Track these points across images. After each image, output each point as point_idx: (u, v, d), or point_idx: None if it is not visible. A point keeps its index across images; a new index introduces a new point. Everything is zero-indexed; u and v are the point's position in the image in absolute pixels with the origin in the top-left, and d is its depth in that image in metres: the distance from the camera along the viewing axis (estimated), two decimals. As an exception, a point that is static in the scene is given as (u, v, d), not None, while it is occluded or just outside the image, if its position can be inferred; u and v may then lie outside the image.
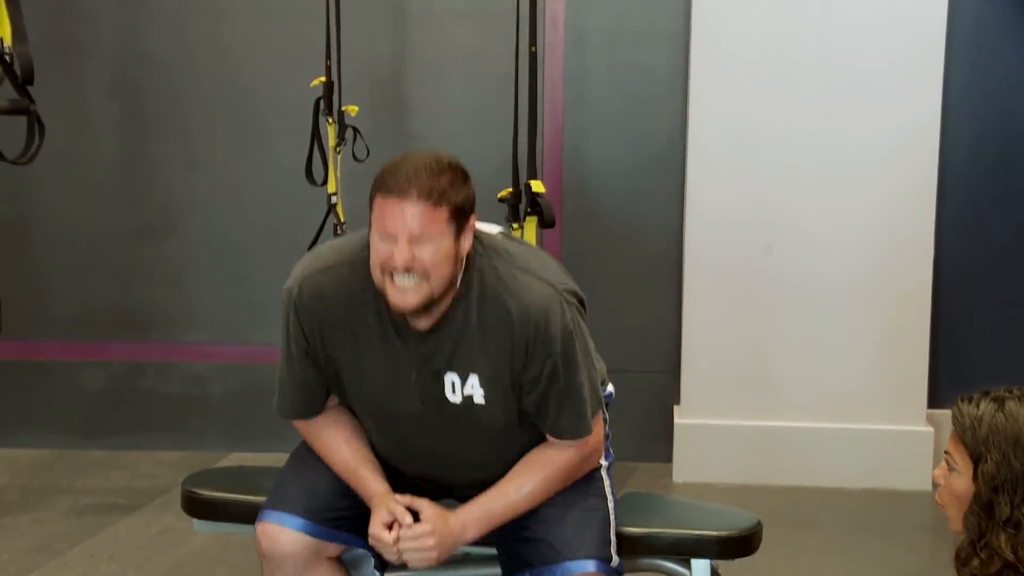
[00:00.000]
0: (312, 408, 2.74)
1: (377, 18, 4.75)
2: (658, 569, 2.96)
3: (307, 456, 2.79)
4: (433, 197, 2.41)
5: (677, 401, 4.74)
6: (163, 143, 4.88)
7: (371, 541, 2.61)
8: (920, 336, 4.64)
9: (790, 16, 4.48)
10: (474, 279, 2.57)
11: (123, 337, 5.05)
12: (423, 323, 2.51)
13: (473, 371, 2.61)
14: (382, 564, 2.76)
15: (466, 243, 2.50)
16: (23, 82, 3.65)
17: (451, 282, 2.50)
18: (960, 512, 2.28)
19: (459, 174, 2.47)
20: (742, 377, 4.69)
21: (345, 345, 2.66)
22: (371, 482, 2.66)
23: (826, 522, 4.44)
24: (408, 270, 2.44)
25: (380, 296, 2.49)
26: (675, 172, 4.71)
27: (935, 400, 4.74)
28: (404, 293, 2.44)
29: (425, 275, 2.45)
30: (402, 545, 2.55)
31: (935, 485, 2.35)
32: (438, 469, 2.75)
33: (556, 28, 4.64)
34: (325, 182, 4.41)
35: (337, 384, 2.71)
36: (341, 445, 2.76)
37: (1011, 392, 2.28)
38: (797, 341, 4.65)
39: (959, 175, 4.73)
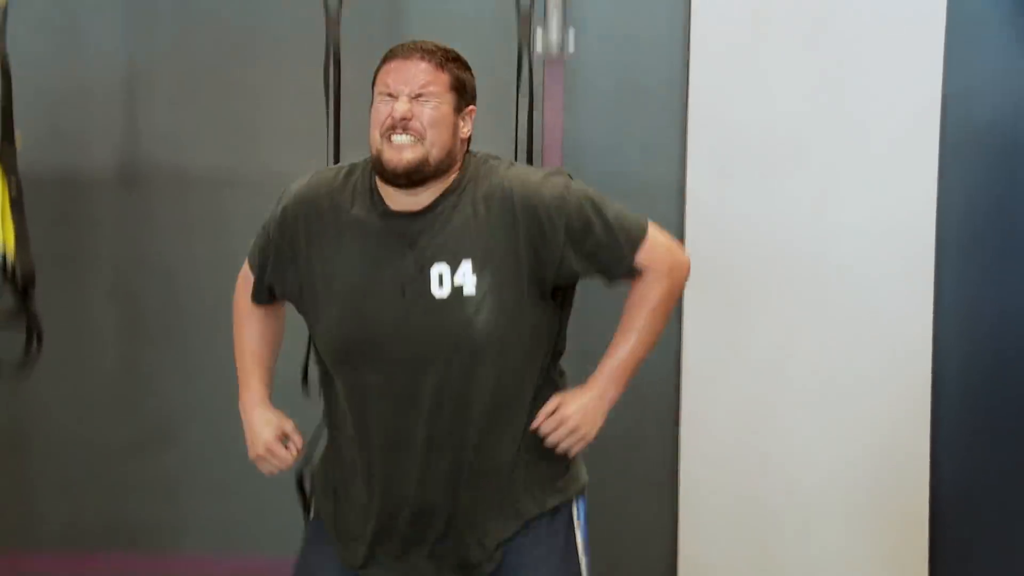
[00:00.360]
0: (261, 291, 2.85)
1: None
2: None
3: None
4: (436, 59, 2.48)
5: None
6: (162, 351, 4.78)
7: (260, 455, 2.78)
8: (919, 550, 4.54)
9: (776, 231, 4.48)
10: (472, 174, 2.57)
11: (114, 549, 4.84)
12: (412, 203, 2.49)
13: (466, 256, 2.53)
14: None
15: (465, 127, 2.53)
16: (23, 287, 3.86)
17: (447, 155, 2.50)
18: None
19: (463, 61, 2.55)
20: (740, 550, 4.57)
21: (326, 243, 2.63)
22: (253, 380, 2.88)
23: None
24: (406, 125, 2.46)
25: (373, 191, 2.53)
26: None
27: None
28: (400, 150, 2.44)
29: (421, 135, 2.47)
30: (551, 439, 2.56)
31: None
32: (413, 421, 2.57)
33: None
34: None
35: (309, 297, 2.68)
36: (254, 336, 2.96)
37: None
38: (791, 536, 4.53)
39: (953, 394, 4.67)
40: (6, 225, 3.87)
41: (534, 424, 2.55)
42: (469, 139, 2.61)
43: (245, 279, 2.90)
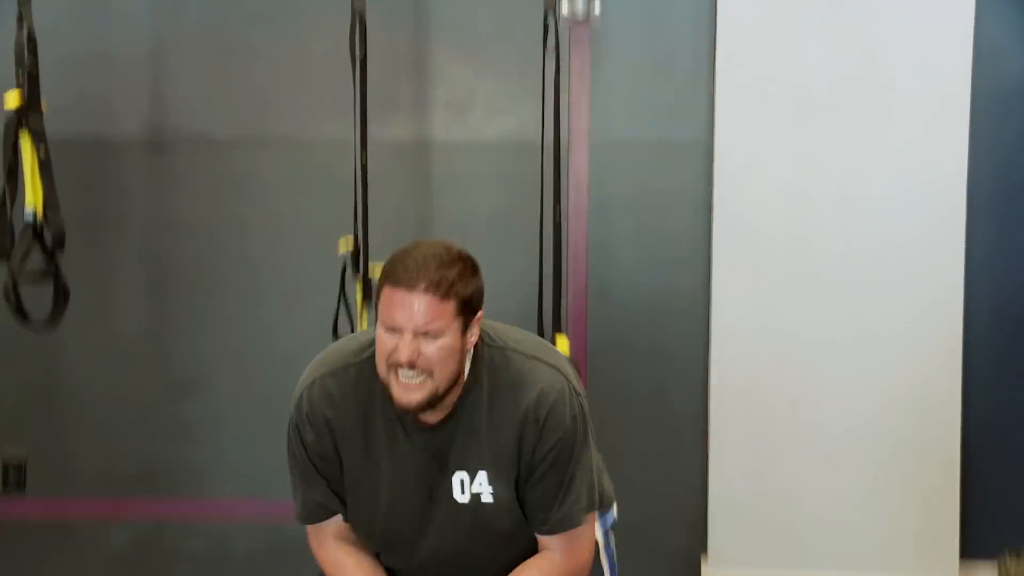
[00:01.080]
0: (327, 507, 2.66)
1: (402, 185, 4.82)
2: None
3: None
4: (441, 290, 2.38)
5: (704, 551, 4.66)
6: (190, 308, 4.85)
7: None
8: (950, 489, 4.57)
9: (808, 187, 4.51)
10: (483, 371, 2.54)
11: (145, 494, 4.95)
12: (431, 418, 2.48)
13: (481, 468, 2.57)
14: None
15: (472, 337, 2.47)
16: (53, 247, 3.89)
17: (456, 377, 2.47)
18: None
19: (468, 265, 2.45)
20: (770, 529, 4.63)
21: (355, 449, 2.61)
22: None
23: None
24: (412, 366, 2.41)
25: (387, 393, 2.46)
26: (699, 334, 4.73)
27: (968, 551, 4.63)
28: (408, 390, 2.42)
29: (429, 372, 2.42)
30: None
31: None
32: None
33: (580, 192, 4.70)
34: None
35: (344, 494, 2.66)
36: (364, 568, 2.68)
37: None
38: (824, 492, 4.59)
39: (983, 334, 4.67)
40: (35, 187, 3.88)
41: None
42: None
43: (314, 531, 2.78)
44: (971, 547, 4.59)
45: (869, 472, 4.55)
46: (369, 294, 4.22)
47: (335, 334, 4.22)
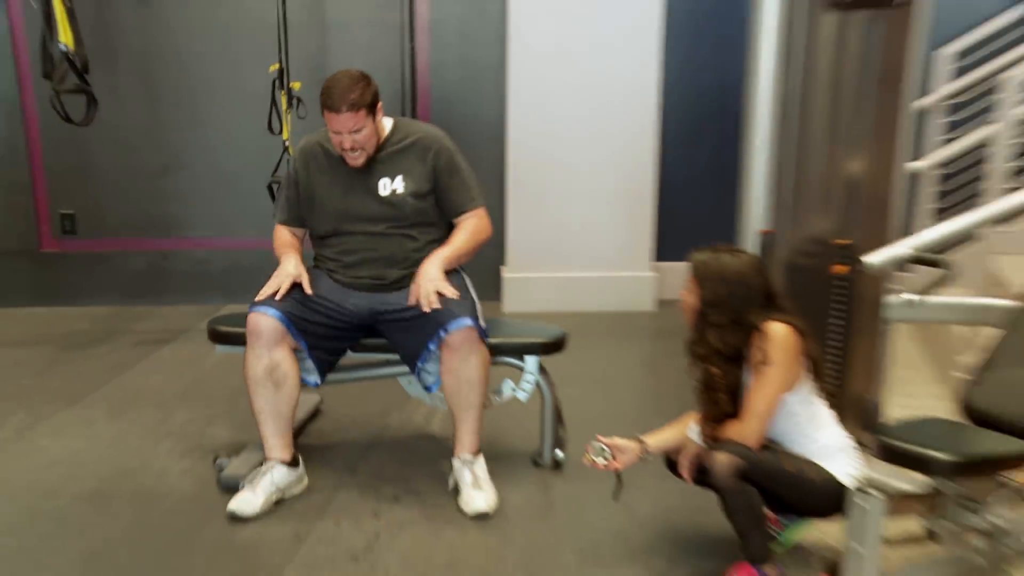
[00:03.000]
0: (286, 215, 3.32)
1: (311, 26, 5.40)
2: (508, 363, 3.47)
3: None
4: (356, 106, 3.03)
5: (504, 263, 5.58)
6: (176, 109, 5.54)
7: (280, 277, 3.12)
8: (648, 218, 5.51)
9: (566, 22, 5.24)
10: (395, 130, 3.18)
11: (153, 235, 5.68)
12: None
13: (399, 174, 3.20)
14: (322, 376, 3.30)
15: (380, 117, 3.11)
16: (82, 70, 4.35)
17: (378, 141, 3.16)
18: (692, 317, 2.69)
19: (366, 81, 3.05)
20: (544, 245, 5.52)
21: (323, 173, 3.22)
22: (292, 253, 3.24)
23: (597, 330, 5.19)
24: (353, 147, 3.10)
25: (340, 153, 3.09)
26: (500, 121, 5.53)
27: (658, 256, 5.65)
28: (354, 159, 3.15)
29: (362, 148, 3.10)
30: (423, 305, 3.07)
31: (681, 300, 2.76)
32: (372, 241, 3.22)
33: (423, 32, 5.42)
34: (281, 132, 4.83)
35: (313, 202, 3.22)
36: (288, 246, 3.30)
37: (723, 248, 2.67)
38: (577, 219, 5.48)
39: (674, 104, 5.54)
40: (66, 28, 4.27)
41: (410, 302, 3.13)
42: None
43: (278, 228, 3.36)
44: (661, 253, 5.66)
45: (604, 206, 5.48)
46: (291, 102, 4.76)
47: (270, 128, 4.84)
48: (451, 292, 3.05)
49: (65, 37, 4.24)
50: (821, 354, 2.82)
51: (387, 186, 3.19)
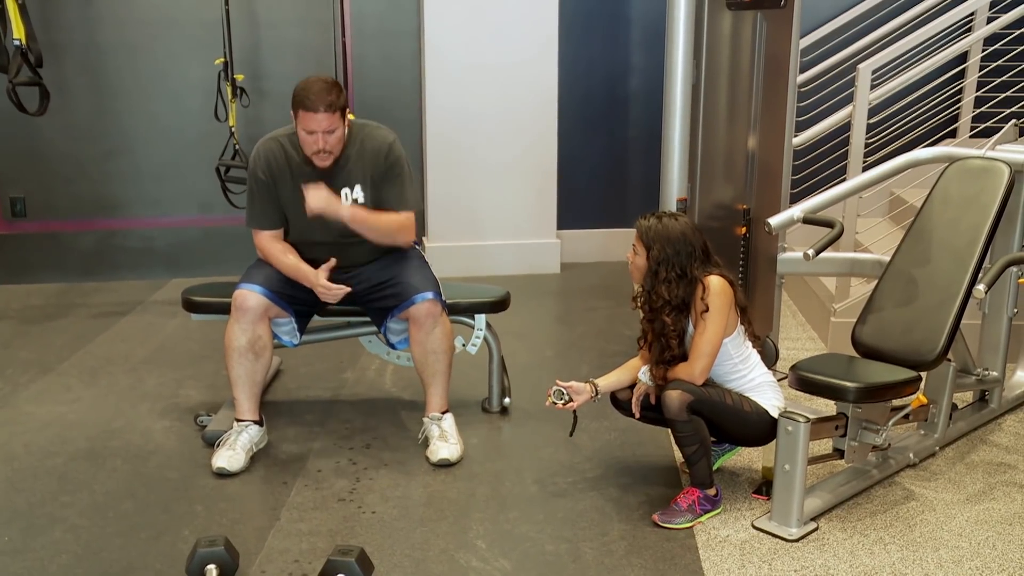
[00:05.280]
0: (266, 222, 3.11)
1: (251, 23, 5.29)
2: (459, 322, 3.48)
3: (260, 264, 3.18)
4: (333, 108, 2.92)
5: (426, 234, 5.52)
6: (121, 98, 5.34)
7: (323, 289, 3.01)
8: (552, 192, 5.55)
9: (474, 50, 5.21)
10: (352, 136, 3.04)
11: (101, 216, 5.46)
12: (326, 164, 3.03)
13: (358, 183, 3.08)
14: (300, 332, 3.26)
15: (346, 122, 3.00)
16: (36, 64, 4.22)
17: (343, 146, 3.03)
18: (641, 276, 2.76)
19: (339, 88, 2.96)
20: (461, 216, 5.52)
21: (284, 179, 3.06)
22: (307, 271, 3.11)
23: (512, 291, 4.62)
24: (323, 150, 2.97)
25: (303, 155, 2.96)
26: (417, 94, 5.51)
27: (559, 225, 5.68)
28: (323, 159, 3.01)
29: (333, 151, 2.99)
30: (309, 201, 2.92)
31: (628, 262, 2.82)
32: (337, 250, 3.12)
33: (348, 28, 5.35)
34: (227, 119, 4.85)
35: (280, 207, 3.07)
36: (286, 254, 3.12)
37: (663, 213, 2.77)
38: (489, 193, 5.48)
39: (567, 108, 5.57)
40: (19, 24, 4.15)
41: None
42: None
43: (256, 233, 3.14)
44: (562, 222, 5.69)
45: (513, 181, 5.50)
46: (235, 92, 4.77)
47: (216, 115, 4.82)
48: (338, 206, 2.95)
49: (18, 32, 4.14)
50: (748, 302, 2.94)
51: (348, 196, 3.10)
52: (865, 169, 3.80)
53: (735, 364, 2.81)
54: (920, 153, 3.54)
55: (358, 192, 3.10)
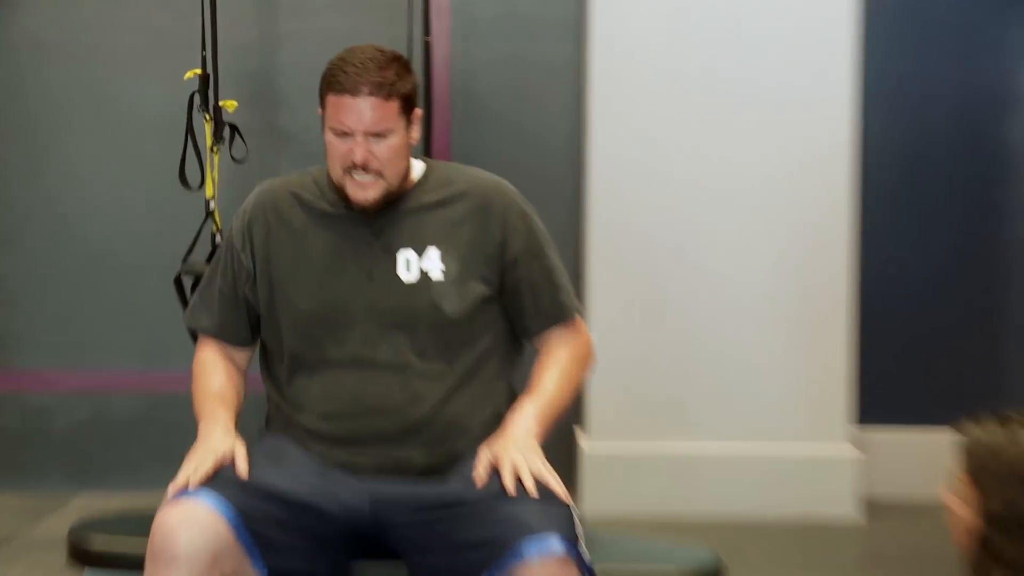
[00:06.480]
0: (224, 328, 2.40)
1: (245, 5, 3.87)
2: None
3: (261, 450, 2.28)
4: (384, 91, 2.20)
5: (579, 422, 3.75)
6: (4, 144, 3.93)
7: (204, 456, 2.14)
8: (841, 352, 3.73)
9: (695, 17, 3.68)
10: (432, 173, 2.35)
11: None
12: (375, 204, 2.30)
13: (432, 243, 2.29)
14: None
15: (415, 134, 2.30)
16: None
17: (405, 174, 2.29)
18: (967, 540, 1.85)
19: (403, 64, 2.26)
20: (652, 395, 3.78)
21: (292, 240, 2.35)
22: (221, 412, 2.29)
23: (753, 557, 3.46)
24: (367, 167, 2.22)
25: (335, 189, 2.29)
26: (573, 173, 3.89)
27: (861, 418, 3.82)
28: (364, 188, 2.22)
29: (380, 172, 2.23)
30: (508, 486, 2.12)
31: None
32: (379, 407, 2.21)
33: (441, 17, 3.76)
34: (202, 185, 3.53)
35: (272, 292, 2.34)
36: (219, 374, 2.37)
37: (1018, 419, 1.71)
38: (715, 345, 3.79)
39: (879, 185, 3.92)
40: None
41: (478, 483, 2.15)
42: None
43: (203, 341, 2.44)
44: (866, 414, 3.84)
45: (759, 325, 3.71)
46: (220, 133, 3.41)
47: (182, 177, 3.43)
48: (555, 485, 2.10)
49: None
50: None
51: (412, 264, 2.21)
52: None
53: None
54: None
55: (433, 260, 2.23)
